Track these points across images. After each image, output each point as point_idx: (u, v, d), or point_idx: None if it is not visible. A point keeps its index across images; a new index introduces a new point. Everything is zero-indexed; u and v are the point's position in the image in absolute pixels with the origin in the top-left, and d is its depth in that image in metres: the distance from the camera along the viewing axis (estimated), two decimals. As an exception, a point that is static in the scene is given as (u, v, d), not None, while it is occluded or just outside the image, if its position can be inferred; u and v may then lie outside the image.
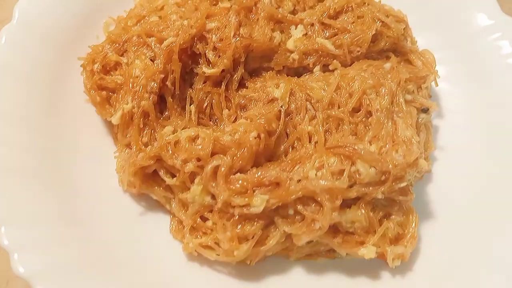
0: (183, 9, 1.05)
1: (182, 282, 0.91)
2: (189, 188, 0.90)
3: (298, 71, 1.07)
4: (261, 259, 0.91)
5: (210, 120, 1.01)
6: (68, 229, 0.88)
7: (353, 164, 0.87)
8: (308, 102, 0.98)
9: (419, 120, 1.01)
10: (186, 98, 1.00)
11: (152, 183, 0.95)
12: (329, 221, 0.84)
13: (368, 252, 0.87)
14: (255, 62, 1.04)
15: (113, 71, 1.00)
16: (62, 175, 0.95)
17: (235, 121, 0.99)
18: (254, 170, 0.89)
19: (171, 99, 0.98)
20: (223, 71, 1.00)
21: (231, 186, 0.86)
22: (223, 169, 0.87)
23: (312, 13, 1.06)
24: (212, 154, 0.88)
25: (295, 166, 0.89)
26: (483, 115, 1.11)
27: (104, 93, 0.99)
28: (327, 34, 1.05)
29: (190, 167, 0.88)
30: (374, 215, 0.89)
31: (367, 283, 0.93)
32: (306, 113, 0.97)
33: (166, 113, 0.99)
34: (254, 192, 0.86)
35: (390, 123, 0.93)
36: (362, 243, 0.88)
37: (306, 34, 1.06)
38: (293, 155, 0.93)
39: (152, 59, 0.98)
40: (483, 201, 1.00)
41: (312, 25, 1.06)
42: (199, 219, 0.91)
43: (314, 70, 1.05)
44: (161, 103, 0.99)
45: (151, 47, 0.99)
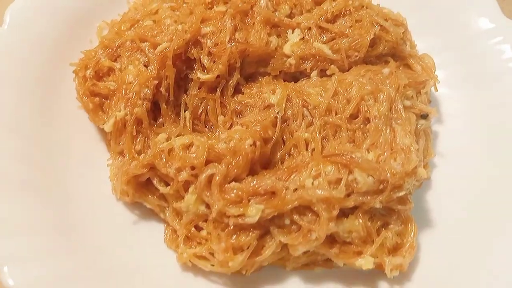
0: (178, 13, 1.04)
1: (176, 292, 0.89)
2: (183, 197, 0.88)
3: (295, 76, 1.05)
4: (257, 269, 0.90)
5: (205, 127, 0.99)
6: (60, 239, 0.86)
7: (350, 172, 0.85)
8: (305, 108, 0.96)
9: (418, 127, 0.99)
10: (180, 104, 0.98)
11: (146, 191, 0.93)
12: (326, 232, 0.82)
13: (365, 262, 0.85)
14: (251, 67, 1.02)
15: (106, 77, 0.98)
16: (54, 183, 0.93)
17: (230, 127, 0.97)
18: (250, 178, 0.87)
19: (165, 105, 0.96)
20: (218, 76, 0.98)
21: (226, 196, 0.84)
22: (217, 178, 0.85)
23: (309, 17, 1.05)
24: (207, 162, 0.87)
25: (291, 175, 0.87)
26: (484, 120, 1.09)
27: (97, 99, 0.97)
28: (325, 38, 1.03)
29: (184, 176, 0.86)
30: (372, 224, 0.87)
31: (365, 293, 0.91)
32: (303, 119, 0.95)
33: (160, 119, 0.97)
34: (249, 201, 0.84)
35: (388, 130, 0.91)
36: (360, 253, 0.87)
37: (303, 38, 1.04)
38: (290, 163, 0.92)
39: (146, 65, 0.96)
40: (482, 209, 0.99)
41: (309, 29, 1.04)
42: (193, 228, 0.89)
43: (311, 75, 1.03)
44: (155, 109, 0.97)
45: (145, 52, 0.97)
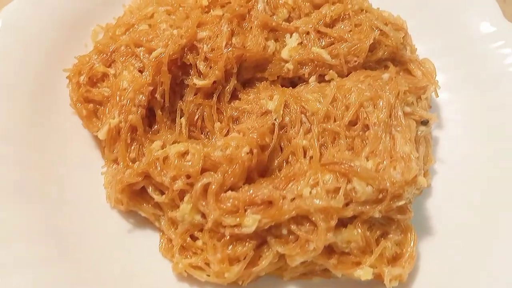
0: (174, 17, 1.02)
1: (172, 302, 0.87)
2: (178, 206, 0.87)
3: (293, 81, 1.04)
4: (254, 279, 0.88)
5: (202, 133, 0.98)
6: (54, 247, 0.85)
7: (349, 181, 0.83)
8: (303, 115, 0.94)
9: (419, 133, 0.97)
10: (176, 110, 0.97)
11: (141, 200, 0.91)
12: (324, 242, 0.81)
13: (364, 273, 0.84)
14: (248, 73, 1.00)
15: (100, 83, 0.97)
16: (49, 190, 0.92)
17: (227, 134, 0.96)
18: (246, 187, 0.86)
19: (161, 112, 0.95)
20: (214, 82, 0.96)
21: (222, 205, 0.83)
22: (213, 187, 0.83)
23: (307, 21, 1.03)
24: (203, 171, 0.85)
25: (289, 183, 0.85)
26: (484, 125, 1.07)
27: (91, 105, 0.95)
28: (323, 43, 1.01)
29: (179, 184, 0.84)
30: (371, 234, 0.85)
31: (364, 303, 0.90)
32: (301, 126, 0.94)
33: (156, 126, 0.95)
34: (245, 211, 0.82)
35: (388, 137, 0.89)
36: (359, 263, 0.85)
37: (301, 43, 1.02)
38: (287, 171, 0.90)
39: (141, 70, 0.95)
40: (483, 216, 0.97)
41: (308, 33, 1.02)
42: (189, 238, 0.88)
43: (309, 80, 1.01)
44: (150, 116, 0.95)
45: (139, 58, 0.95)
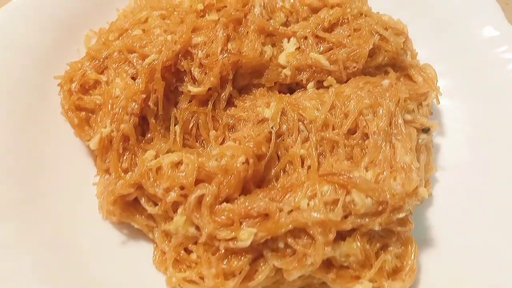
0: (168, 21, 0.99)
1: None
2: (172, 218, 0.84)
3: (290, 87, 1.01)
4: (250, 293, 0.86)
5: (197, 141, 0.95)
6: (46, 258, 0.83)
7: (348, 193, 0.81)
8: (300, 123, 0.92)
9: (419, 141, 0.95)
10: (170, 118, 0.94)
11: (133, 211, 0.89)
12: (322, 257, 0.78)
13: (363, 288, 0.81)
14: (244, 79, 0.98)
15: (92, 90, 0.94)
16: (38, 200, 0.89)
17: (222, 142, 0.93)
18: (242, 199, 0.83)
19: (154, 120, 0.92)
20: (209, 89, 0.93)
21: (216, 218, 0.80)
22: (208, 199, 0.81)
23: (305, 26, 1.00)
24: (197, 182, 0.83)
25: (286, 195, 0.83)
26: (487, 133, 1.04)
27: (82, 114, 0.93)
28: (322, 48, 0.98)
29: (172, 196, 0.82)
30: (370, 247, 0.83)
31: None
32: (298, 134, 0.91)
33: (149, 135, 0.93)
34: (241, 224, 0.80)
35: (388, 146, 0.87)
36: (358, 278, 0.83)
37: (299, 48, 0.99)
38: (284, 181, 0.88)
39: (134, 77, 0.92)
40: (486, 226, 0.94)
41: (306, 38, 0.99)
42: (183, 251, 0.85)
43: (307, 86, 0.99)
44: (143, 124, 0.93)
45: (132, 64, 0.93)
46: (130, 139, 0.89)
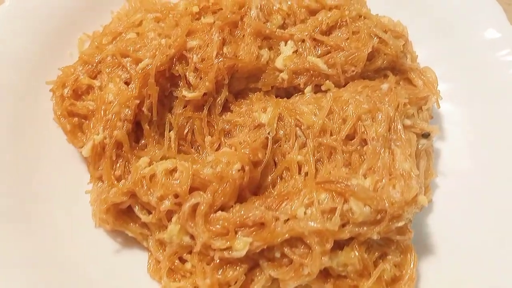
0: (163, 24, 0.97)
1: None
2: (166, 226, 0.83)
3: (288, 91, 0.99)
4: (245, 303, 0.84)
5: (192, 147, 0.94)
6: (39, 268, 0.82)
7: (345, 201, 0.79)
8: (298, 128, 0.90)
9: (419, 147, 0.93)
10: (165, 124, 0.92)
11: (127, 219, 0.87)
12: (319, 267, 0.77)
13: (362, 297, 0.80)
14: (240, 83, 0.96)
15: (85, 95, 0.92)
16: (31, 207, 0.88)
17: (218, 148, 0.92)
18: (238, 207, 0.81)
19: (148, 126, 0.90)
20: (205, 94, 0.92)
21: (211, 227, 0.79)
22: (202, 207, 0.79)
23: (303, 28, 0.98)
24: (191, 190, 0.81)
25: (283, 203, 0.81)
26: (489, 137, 1.02)
27: (75, 119, 0.92)
28: (319, 51, 0.96)
29: (166, 205, 0.80)
30: (368, 256, 0.81)
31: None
32: (295, 140, 0.90)
33: (143, 141, 0.91)
34: (236, 233, 0.78)
35: (387, 153, 0.85)
36: (356, 287, 0.81)
37: (296, 51, 0.97)
38: (281, 189, 0.86)
39: (128, 82, 0.91)
40: (487, 233, 0.93)
41: (303, 41, 0.97)
42: (177, 260, 0.84)
43: (305, 90, 0.97)
44: (137, 130, 0.91)
45: (126, 69, 0.91)
46: (123, 145, 0.87)
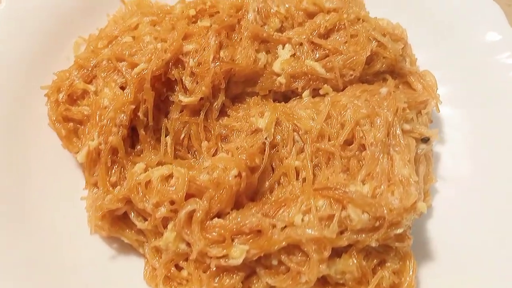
0: (159, 28, 0.96)
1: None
2: (162, 233, 0.82)
3: (286, 95, 0.98)
4: (243, 311, 0.83)
5: (188, 152, 0.92)
6: (35, 274, 0.81)
7: (343, 208, 0.78)
8: (295, 133, 0.89)
9: (419, 152, 0.92)
10: (161, 129, 0.91)
11: (123, 225, 0.86)
12: (317, 275, 0.76)
13: (360, 306, 0.79)
14: (237, 87, 0.95)
15: (80, 100, 0.91)
16: (26, 213, 0.87)
17: (215, 153, 0.91)
18: (234, 214, 0.80)
19: (144, 131, 0.89)
20: (201, 99, 0.90)
21: (207, 235, 0.78)
22: (198, 214, 0.78)
23: (301, 32, 0.97)
24: (188, 196, 0.80)
25: (280, 210, 0.80)
26: (489, 142, 1.01)
27: (71, 125, 0.91)
28: (317, 55, 0.95)
29: (162, 212, 0.79)
30: (367, 263, 0.80)
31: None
32: (293, 145, 0.89)
33: (139, 146, 0.90)
34: (233, 241, 0.77)
35: (385, 159, 0.84)
36: (354, 295, 0.80)
37: (294, 54, 0.96)
38: (278, 195, 0.85)
39: (123, 86, 0.89)
40: (487, 238, 0.92)
41: (301, 44, 0.96)
42: (173, 268, 0.83)
43: (303, 94, 0.96)
44: (133, 135, 0.90)
45: (122, 73, 0.89)
46: (118, 151, 0.86)
